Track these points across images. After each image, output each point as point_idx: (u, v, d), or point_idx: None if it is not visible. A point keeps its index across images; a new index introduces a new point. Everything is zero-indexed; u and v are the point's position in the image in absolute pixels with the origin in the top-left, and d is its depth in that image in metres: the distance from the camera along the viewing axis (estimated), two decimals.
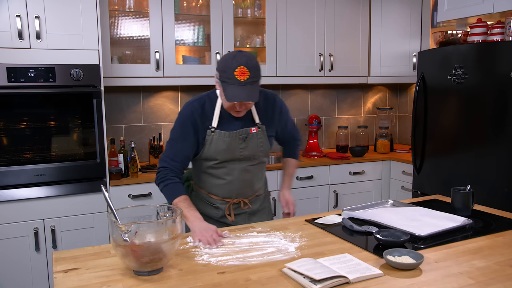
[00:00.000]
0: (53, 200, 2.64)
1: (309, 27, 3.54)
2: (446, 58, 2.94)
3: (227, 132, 1.83)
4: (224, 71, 1.69)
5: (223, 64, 1.71)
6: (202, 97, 1.88)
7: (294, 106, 3.95)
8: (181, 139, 1.83)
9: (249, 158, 1.89)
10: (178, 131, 1.84)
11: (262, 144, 1.91)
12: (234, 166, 1.88)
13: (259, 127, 1.89)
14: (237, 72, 1.65)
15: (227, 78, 1.68)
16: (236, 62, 1.66)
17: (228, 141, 1.84)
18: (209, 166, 1.88)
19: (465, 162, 2.84)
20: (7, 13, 2.46)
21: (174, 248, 1.34)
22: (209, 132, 1.83)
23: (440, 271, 1.34)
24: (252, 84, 1.69)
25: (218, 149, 1.83)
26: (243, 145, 1.86)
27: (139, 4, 3.15)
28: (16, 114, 2.55)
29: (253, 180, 1.96)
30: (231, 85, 1.67)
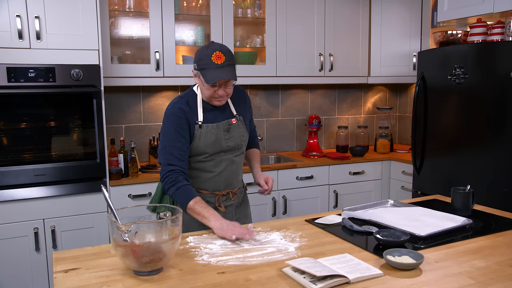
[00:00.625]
0: (53, 200, 2.64)
1: (309, 27, 3.54)
2: (446, 58, 2.94)
3: (214, 124, 1.90)
4: (201, 59, 1.79)
5: (198, 55, 1.82)
6: (183, 96, 1.94)
7: (294, 106, 3.95)
8: (179, 137, 1.84)
9: (234, 149, 1.96)
10: (174, 130, 1.85)
11: (243, 133, 1.99)
12: (221, 157, 1.93)
13: (238, 119, 1.98)
14: (214, 57, 1.77)
15: (205, 64, 1.78)
16: (211, 49, 1.78)
17: (215, 133, 1.90)
18: (198, 160, 1.92)
19: (465, 162, 2.84)
20: (7, 13, 2.46)
21: (174, 248, 1.34)
22: (196, 127, 1.87)
23: (440, 271, 1.34)
24: (229, 66, 1.80)
25: (207, 142, 1.88)
26: (228, 136, 1.93)
27: (139, 4, 3.15)
28: (16, 114, 2.55)
29: (238, 170, 2.03)
30: (210, 69, 1.77)
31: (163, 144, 1.86)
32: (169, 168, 1.81)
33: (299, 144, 4.00)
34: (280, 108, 3.89)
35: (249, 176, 2.25)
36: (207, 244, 1.57)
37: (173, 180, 1.79)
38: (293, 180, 3.30)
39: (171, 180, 1.79)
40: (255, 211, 3.16)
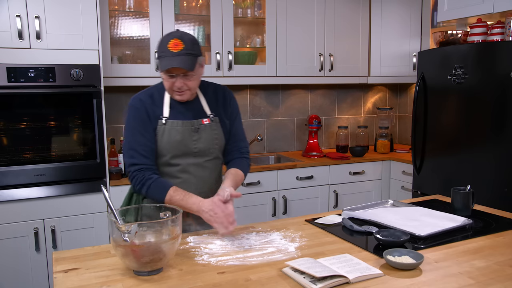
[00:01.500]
0: (53, 200, 2.64)
1: (309, 27, 3.54)
2: (446, 58, 2.94)
3: (180, 121, 1.74)
4: (159, 47, 1.67)
5: (159, 42, 1.69)
6: (149, 89, 1.80)
7: (294, 106, 3.95)
8: (142, 131, 1.70)
9: (204, 153, 1.78)
10: (136, 124, 1.71)
11: (217, 136, 1.80)
12: (189, 161, 1.76)
13: (211, 119, 1.80)
14: (170, 44, 1.63)
15: (162, 52, 1.65)
16: (170, 36, 1.66)
17: (181, 131, 1.73)
18: (163, 163, 1.76)
19: (465, 162, 2.84)
20: (7, 13, 2.46)
21: (174, 248, 1.34)
22: (160, 123, 1.72)
23: (440, 271, 1.34)
24: (187, 55, 1.64)
25: (171, 141, 1.72)
26: (196, 137, 1.75)
27: (139, 4, 3.15)
28: (16, 114, 2.55)
29: (212, 178, 1.83)
30: (165, 57, 1.64)
31: (126, 139, 1.73)
32: (134, 168, 1.69)
33: (299, 144, 4.00)
34: (280, 108, 3.89)
35: None
36: (207, 244, 1.57)
37: (141, 179, 1.67)
38: (293, 180, 3.30)
39: (139, 180, 1.68)
40: (255, 211, 3.17)
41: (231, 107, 1.88)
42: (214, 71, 3.24)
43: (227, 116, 1.86)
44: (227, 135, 1.86)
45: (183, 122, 1.74)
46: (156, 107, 1.74)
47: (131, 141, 1.72)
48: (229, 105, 1.88)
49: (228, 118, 1.86)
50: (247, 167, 1.90)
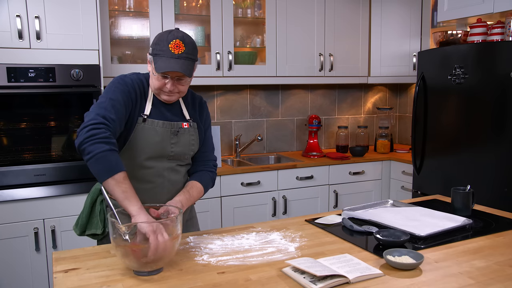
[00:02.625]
0: (53, 200, 2.64)
1: (309, 27, 3.54)
2: (446, 58, 2.94)
3: (160, 122, 1.63)
4: (157, 44, 1.56)
5: (157, 38, 1.58)
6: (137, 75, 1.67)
7: (294, 106, 3.95)
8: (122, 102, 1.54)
9: (179, 157, 1.70)
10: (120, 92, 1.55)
11: (194, 142, 1.73)
12: (164, 165, 1.66)
13: (190, 124, 1.72)
14: (172, 44, 1.53)
15: (160, 51, 1.54)
16: (172, 35, 1.55)
17: (160, 132, 1.63)
18: (136, 166, 1.62)
19: (465, 162, 2.84)
20: (7, 13, 2.46)
21: (174, 248, 1.34)
22: (140, 120, 1.61)
23: (440, 271, 1.34)
24: (187, 59, 1.55)
25: (149, 141, 1.61)
26: (175, 140, 1.67)
27: (139, 4, 3.15)
28: (16, 114, 2.55)
29: (182, 182, 1.74)
30: (163, 57, 1.53)
31: (100, 100, 1.54)
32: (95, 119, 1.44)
33: (299, 144, 4.00)
34: (280, 108, 3.89)
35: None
36: (207, 244, 1.56)
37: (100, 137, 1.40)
38: (293, 180, 3.30)
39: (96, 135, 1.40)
40: (255, 211, 3.17)
41: (205, 116, 1.81)
42: (214, 71, 3.24)
43: (202, 123, 1.79)
44: (201, 143, 1.78)
45: (164, 122, 1.65)
46: (142, 94, 1.63)
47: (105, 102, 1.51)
48: (204, 114, 1.80)
49: (203, 125, 1.79)
50: (210, 181, 1.77)
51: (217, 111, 3.65)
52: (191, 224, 1.89)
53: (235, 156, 3.64)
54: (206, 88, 3.56)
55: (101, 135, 1.42)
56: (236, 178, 3.09)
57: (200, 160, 1.79)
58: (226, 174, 3.06)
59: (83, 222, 1.71)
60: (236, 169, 3.14)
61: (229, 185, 3.07)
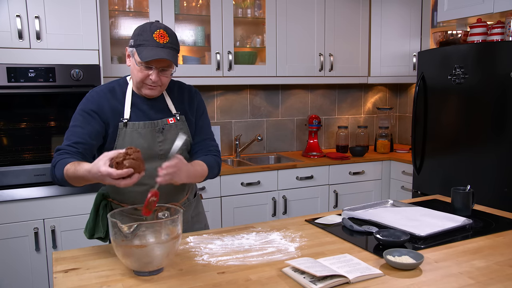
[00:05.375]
0: (53, 200, 2.64)
1: (309, 27, 3.54)
2: (446, 58, 2.94)
3: (141, 123, 1.62)
4: (140, 35, 1.54)
5: (139, 29, 1.57)
6: (110, 83, 1.68)
7: (294, 106, 3.95)
8: (84, 124, 1.58)
9: None
10: (81, 115, 1.59)
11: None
12: (156, 165, 1.53)
13: (177, 118, 1.69)
14: (156, 34, 1.52)
15: (144, 40, 1.52)
16: (155, 26, 1.55)
17: (144, 133, 1.61)
18: None
19: (465, 162, 2.84)
20: (7, 13, 2.46)
21: (174, 248, 1.34)
22: (121, 125, 1.60)
23: (440, 271, 1.34)
24: (172, 49, 1.55)
25: (133, 144, 1.58)
26: (161, 138, 1.64)
27: (139, 4, 3.15)
28: (16, 114, 2.55)
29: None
30: (148, 47, 1.52)
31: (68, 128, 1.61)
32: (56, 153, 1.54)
33: (299, 144, 4.00)
34: (280, 108, 3.89)
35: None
36: (207, 244, 1.56)
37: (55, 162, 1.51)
38: (293, 180, 3.30)
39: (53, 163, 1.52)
40: (255, 211, 3.17)
41: (197, 104, 1.77)
42: (214, 71, 3.24)
43: (193, 114, 1.75)
44: (194, 134, 1.75)
45: (145, 123, 1.62)
46: (117, 102, 1.63)
47: (68, 131, 1.59)
48: (195, 103, 1.76)
49: (193, 116, 1.75)
50: (215, 164, 1.72)
51: (217, 111, 3.65)
52: (198, 220, 1.86)
53: (235, 156, 3.64)
54: (206, 88, 3.56)
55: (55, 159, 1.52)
56: (236, 178, 3.09)
57: (202, 148, 1.75)
58: (226, 174, 3.06)
59: (91, 226, 1.71)
60: (236, 169, 3.14)
61: (229, 185, 3.07)
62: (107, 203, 1.72)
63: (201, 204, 1.92)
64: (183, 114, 1.72)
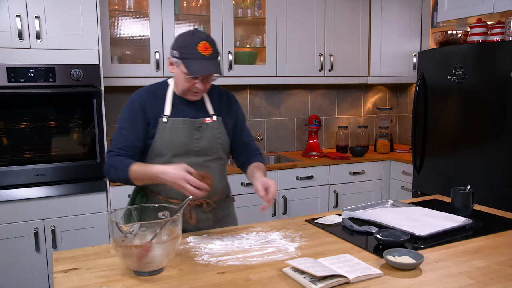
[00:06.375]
0: (53, 200, 2.64)
1: (309, 27, 3.54)
2: (446, 58, 2.94)
3: (181, 119, 1.71)
4: (184, 47, 1.62)
5: (182, 41, 1.64)
6: (152, 85, 1.79)
7: (294, 106, 3.95)
8: (130, 127, 1.70)
9: (206, 152, 1.75)
10: (127, 119, 1.70)
11: (220, 136, 1.78)
12: (191, 161, 1.69)
13: (214, 119, 1.78)
14: (200, 46, 1.60)
15: (190, 54, 1.61)
16: (197, 37, 1.62)
17: (182, 129, 1.71)
18: (163, 163, 1.67)
19: (465, 162, 2.84)
20: (7, 13, 2.46)
21: (174, 248, 1.34)
22: (161, 121, 1.70)
23: (440, 271, 1.34)
24: (215, 59, 1.65)
25: (172, 139, 1.70)
26: (198, 135, 1.73)
27: (139, 4, 3.15)
28: (16, 114, 2.55)
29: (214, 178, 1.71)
30: (195, 60, 1.60)
31: (115, 131, 1.74)
32: (109, 154, 1.69)
33: (299, 144, 4.00)
34: (280, 108, 3.89)
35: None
36: (207, 244, 1.57)
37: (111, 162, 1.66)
38: (293, 180, 3.30)
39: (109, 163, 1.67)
40: (255, 211, 3.16)
41: (237, 111, 1.89)
42: None
43: (232, 118, 1.86)
44: (231, 136, 1.85)
45: (184, 120, 1.72)
46: (158, 103, 1.73)
47: (116, 134, 1.72)
48: (234, 109, 1.88)
49: (232, 119, 1.86)
50: (263, 161, 1.92)
51: None
52: (227, 221, 1.91)
53: None
54: None
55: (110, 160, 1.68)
56: (236, 178, 3.09)
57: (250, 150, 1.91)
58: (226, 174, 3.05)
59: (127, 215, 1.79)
60: (236, 169, 3.13)
61: None
62: (144, 194, 1.80)
63: (232, 206, 1.98)
64: (220, 116, 1.81)
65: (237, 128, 1.88)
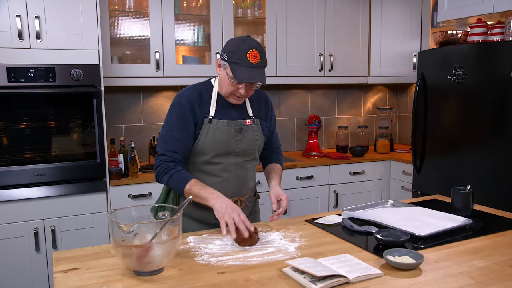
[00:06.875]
0: (53, 200, 2.64)
1: (309, 27, 3.54)
2: (446, 58, 2.94)
3: (225, 121, 1.77)
4: (234, 52, 1.65)
5: (233, 45, 1.67)
6: (196, 85, 1.83)
7: (294, 106, 3.95)
8: (180, 128, 1.73)
9: (245, 153, 1.82)
10: (177, 120, 1.74)
11: (258, 138, 1.85)
12: (231, 161, 1.80)
13: (253, 121, 1.84)
14: (250, 54, 1.64)
15: (238, 59, 1.64)
16: (248, 45, 1.65)
17: (225, 131, 1.76)
18: (204, 162, 1.79)
19: (465, 162, 2.84)
20: (7, 13, 2.46)
21: (174, 248, 1.34)
22: (206, 121, 1.75)
23: (440, 271, 1.34)
24: (262, 68, 1.68)
25: (215, 139, 1.75)
26: (239, 137, 1.79)
27: (139, 4, 3.15)
28: (16, 114, 2.55)
29: (248, 177, 1.88)
30: (242, 67, 1.64)
31: (162, 132, 1.77)
32: (162, 158, 1.73)
33: (299, 144, 4.00)
34: (280, 108, 3.89)
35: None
36: (207, 244, 1.57)
37: (165, 168, 1.71)
38: (293, 180, 3.30)
39: (163, 168, 1.71)
40: None
41: (272, 112, 1.97)
42: (214, 71, 3.24)
43: (268, 120, 1.93)
44: (266, 137, 1.93)
45: (228, 122, 1.77)
46: (203, 105, 1.77)
47: (166, 135, 1.75)
48: (270, 110, 1.96)
49: (268, 121, 1.93)
50: (281, 160, 2.05)
51: None
52: (255, 218, 1.99)
53: None
54: None
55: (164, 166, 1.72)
56: None
57: (273, 148, 2.03)
58: None
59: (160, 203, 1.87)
60: None
61: None
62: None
63: (258, 203, 2.05)
64: (258, 118, 1.88)
65: (270, 130, 1.98)
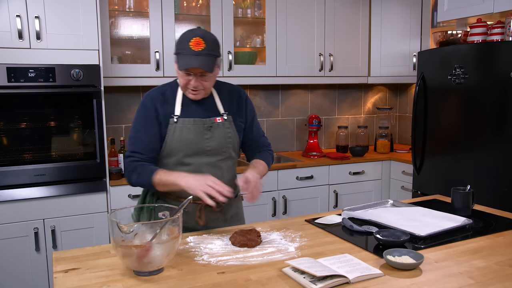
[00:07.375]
0: (53, 200, 2.64)
1: (309, 27, 3.54)
2: (446, 58, 2.94)
3: (192, 119, 1.73)
4: (179, 43, 1.65)
5: (180, 37, 1.67)
6: (163, 85, 1.82)
7: (294, 106, 3.95)
8: (145, 129, 1.72)
9: (217, 152, 1.76)
10: (141, 121, 1.74)
11: (230, 135, 1.79)
12: (202, 161, 1.74)
13: (225, 118, 1.79)
14: (192, 42, 1.62)
15: (182, 49, 1.63)
16: (192, 33, 1.64)
17: (193, 129, 1.72)
18: (175, 163, 1.74)
19: (465, 162, 2.84)
20: (7, 13, 2.46)
21: (174, 248, 1.34)
22: (171, 121, 1.72)
23: (440, 271, 1.34)
24: (208, 56, 1.63)
25: (183, 139, 1.71)
26: (209, 135, 1.74)
27: (139, 4, 3.15)
28: (16, 114, 2.55)
29: (224, 177, 1.77)
30: (185, 55, 1.62)
31: (130, 134, 1.76)
32: (129, 159, 1.72)
33: (299, 144, 4.00)
34: (280, 108, 3.89)
35: None
36: (207, 244, 1.57)
37: (133, 167, 1.70)
38: (293, 180, 3.30)
39: (131, 168, 1.70)
40: (255, 211, 3.17)
41: (247, 108, 1.89)
42: None
43: (242, 116, 1.86)
44: (242, 134, 1.87)
45: (195, 120, 1.73)
46: (167, 104, 1.74)
47: (133, 137, 1.74)
48: (245, 105, 1.88)
49: (242, 117, 1.87)
50: (270, 158, 1.93)
51: None
52: (236, 219, 1.92)
53: None
54: None
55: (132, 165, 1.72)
56: None
57: (257, 146, 1.94)
58: None
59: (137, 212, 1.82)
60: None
61: None
62: (154, 192, 1.83)
63: (241, 205, 1.97)
64: (231, 114, 1.82)
65: (247, 126, 1.90)
